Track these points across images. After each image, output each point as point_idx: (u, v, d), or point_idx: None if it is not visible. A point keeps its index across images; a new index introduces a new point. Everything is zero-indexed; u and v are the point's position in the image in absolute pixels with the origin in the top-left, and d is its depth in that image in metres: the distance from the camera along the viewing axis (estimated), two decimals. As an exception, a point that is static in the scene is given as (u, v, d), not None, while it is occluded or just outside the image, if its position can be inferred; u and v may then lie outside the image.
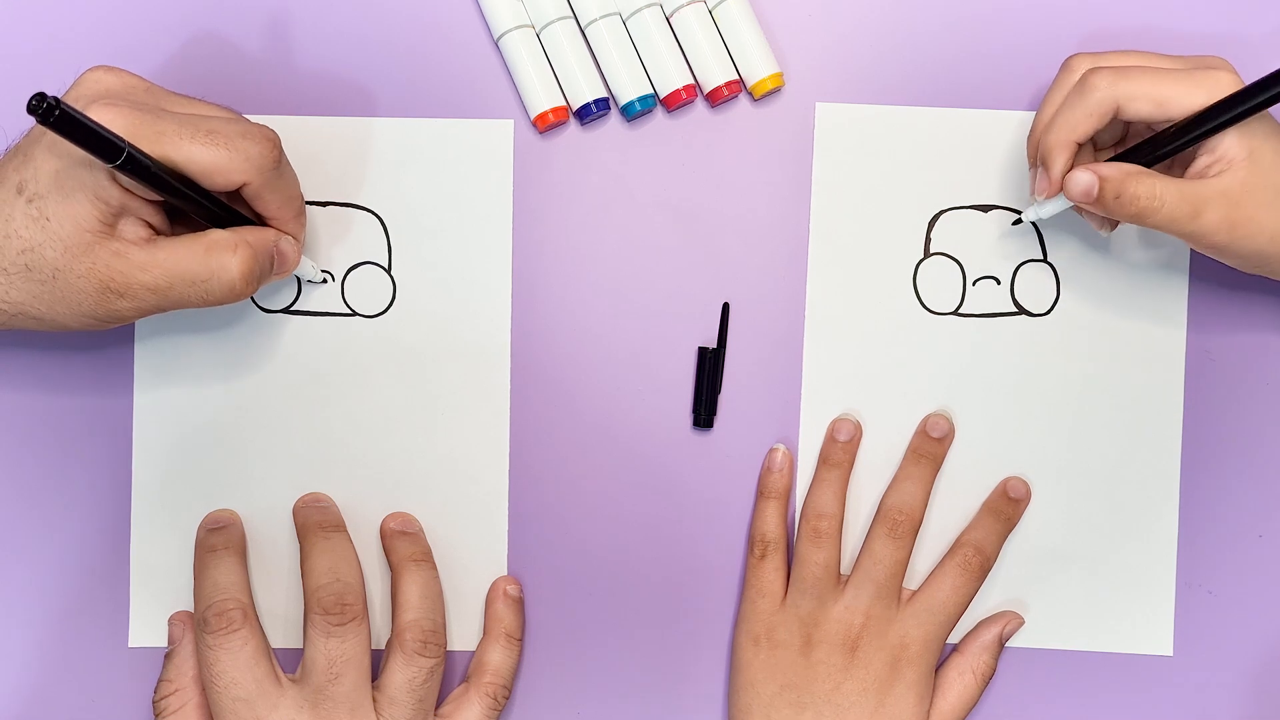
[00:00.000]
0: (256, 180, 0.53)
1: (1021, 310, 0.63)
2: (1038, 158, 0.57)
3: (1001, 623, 0.62)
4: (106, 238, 0.52)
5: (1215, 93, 0.53)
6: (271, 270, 0.56)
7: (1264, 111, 0.53)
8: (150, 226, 0.53)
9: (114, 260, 0.52)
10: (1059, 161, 0.55)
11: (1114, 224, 0.59)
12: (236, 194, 0.54)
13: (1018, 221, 0.62)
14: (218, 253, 0.53)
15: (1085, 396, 0.63)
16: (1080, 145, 0.55)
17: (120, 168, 0.49)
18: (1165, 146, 0.55)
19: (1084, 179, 0.54)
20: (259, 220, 0.56)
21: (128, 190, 0.51)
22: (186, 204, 0.53)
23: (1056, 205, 0.58)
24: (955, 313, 0.63)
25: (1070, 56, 0.57)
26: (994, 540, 0.62)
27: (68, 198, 0.51)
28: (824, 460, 0.62)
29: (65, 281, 0.52)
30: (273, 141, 0.53)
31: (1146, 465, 0.63)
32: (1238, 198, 0.53)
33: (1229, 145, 0.54)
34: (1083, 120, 0.54)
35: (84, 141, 0.47)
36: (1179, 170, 0.56)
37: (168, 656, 0.61)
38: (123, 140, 0.48)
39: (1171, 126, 0.54)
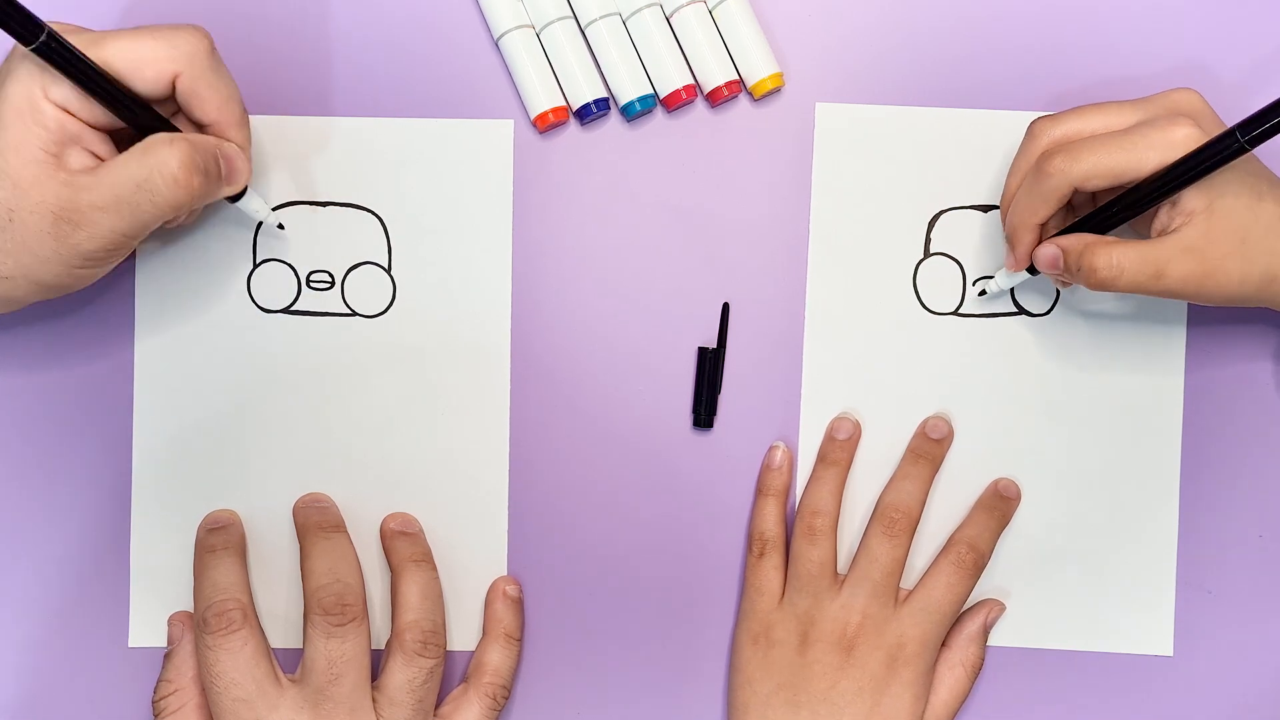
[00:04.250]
0: (188, 71, 0.53)
1: (1021, 310, 0.63)
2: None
3: (984, 611, 0.62)
4: (54, 169, 0.52)
5: (1170, 150, 0.53)
6: (220, 177, 0.55)
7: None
8: (98, 158, 0.53)
9: (62, 190, 0.52)
10: (1023, 243, 0.57)
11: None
12: (177, 113, 0.54)
13: (983, 292, 0.62)
14: (154, 150, 0.52)
15: (1085, 396, 0.63)
16: (1043, 224, 0.57)
17: (40, 51, 0.49)
18: (1121, 212, 0.55)
19: (1049, 252, 0.56)
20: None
21: (65, 110, 0.52)
22: (120, 110, 0.53)
23: (1021, 276, 0.60)
24: (955, 313, 0.63)
25: (1033, 122, 0.57)
26: (988, 537, 0.62)
27: (6, 130, 0.51)
28: (821, 458, 0.62)
29: (21, 222, 0.52)
30: (203, 32, 0.54)
31: (1146, 465, 0.63)
32: (1201, 250, 0.54)
33: (1188, 198, 0.54)
34: (1041, 206, 0.56)
35: (3, 20, 0.48)
36: (1146, 225, 0.56)
37: (167, 656, 0.61)
38: (44, 22, 0.49)
39: (1129, 190, 0.55)
